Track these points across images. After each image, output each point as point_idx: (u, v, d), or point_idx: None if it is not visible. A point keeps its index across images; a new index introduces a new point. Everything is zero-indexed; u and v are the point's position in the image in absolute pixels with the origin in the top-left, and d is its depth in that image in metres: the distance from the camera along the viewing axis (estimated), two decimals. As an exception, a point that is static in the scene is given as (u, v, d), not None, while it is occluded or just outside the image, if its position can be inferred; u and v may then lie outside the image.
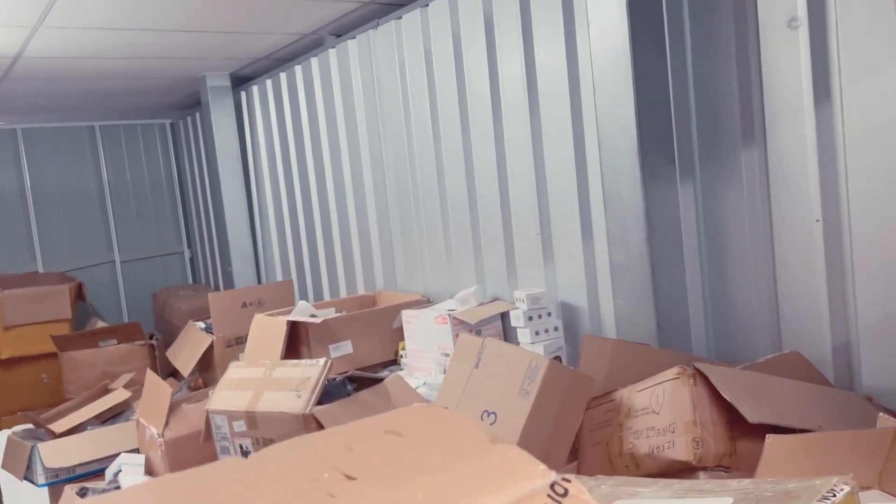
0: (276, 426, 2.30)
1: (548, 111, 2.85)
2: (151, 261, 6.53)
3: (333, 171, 4.37)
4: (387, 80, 3.75)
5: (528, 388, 1.98)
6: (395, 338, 3.49)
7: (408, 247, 3.81)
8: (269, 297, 4.33)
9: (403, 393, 2.45)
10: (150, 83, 5.21)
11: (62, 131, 6.10)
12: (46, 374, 5.15)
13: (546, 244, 2.96)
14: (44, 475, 3.39)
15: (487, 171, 3.19)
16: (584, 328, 2.83)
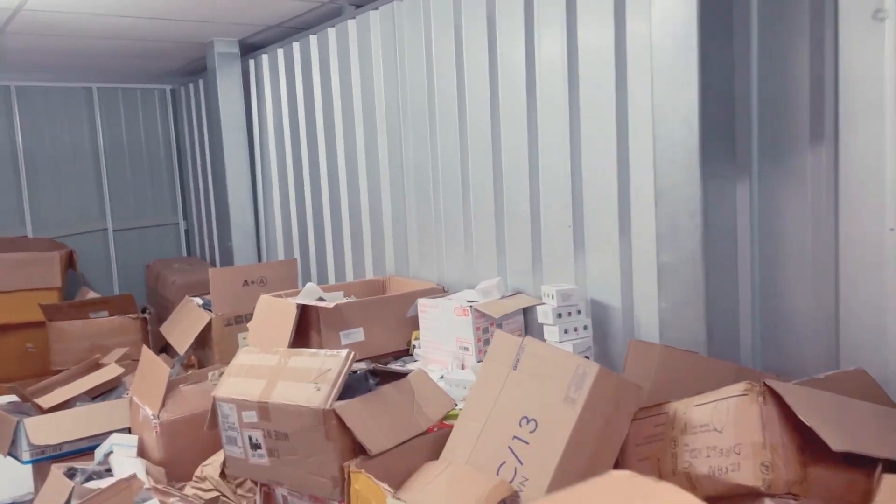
0: (291, 419, 2.14)
1: (589, 96, 2.67)
2: (145, 231, 6.30)
3: (346, 149, 4.17)
4: (411, 55, 3.55)
5: (575, 396, 1.82)
6: (409, 327, 3.32)
7: (424, 232, 3.64)
8: (271, 276, 4.16)
9: (428, 390, 2.29)
10: (154, 45, 4.97)
11: (58, 91, 5.84)
12: (32, 344, 4.94)
13: (578, 238, 2.80)
14: (29, 452, 3.22)
15: (517, 157, 3.02)
16: (616, 329, 2.68)
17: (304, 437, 2.11)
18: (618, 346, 2.68)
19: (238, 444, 2.32)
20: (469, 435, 1.98)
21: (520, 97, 2.96)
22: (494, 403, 1.97)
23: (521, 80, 2.94)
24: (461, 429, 2.02)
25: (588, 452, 1.82)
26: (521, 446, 1.86)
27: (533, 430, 1.86)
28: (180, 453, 2.98)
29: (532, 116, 2.93)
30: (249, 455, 2.30)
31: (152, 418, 3.00)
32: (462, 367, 2.93)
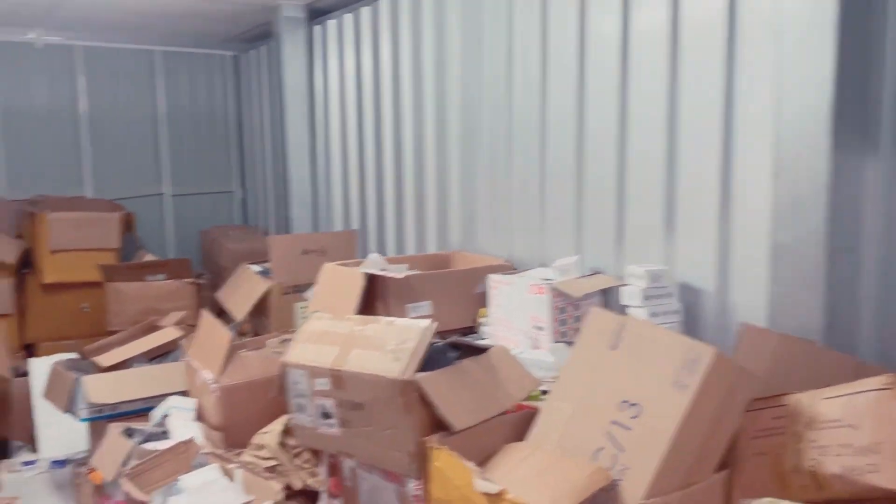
0: (367, 389, 2.02)
1: (693, 58, 2.48)
2: (201, 197, 6.26)
3: (414, 118, 4.03)
4: (491, 19, 3.38)
5: (686, 381, 1.66)
6: (476, 303, 3.18)
7: (494, 205, 3.49)
8: (331, 246, 4.06)
9: (510, 367, 2.14)
10: (221, 7, 4.88)
11: (122, 53, 5.81)
12: (88, 304, 4.94)
13: (670, 215, 2.62)
14: (86, 410, 3.18)
15: (604, 127, 2.84)
16: (707, 315, 2.50)
17: (380, 409, 1.99)
18: (708, 332, 2.50)
19: (307, 413, 2.22)
20: (560, 417, 1.83)
21: (612, 62, 2.77)
22: (589, 385, 1.82)
23: (613, 48, 2.76)
24: (550, 411, 1.88)
25: (697, 443, 1.66)
26: (622, 432, 1.71)
27: (635, 415, 1.71)
28: (238, 419, 2.90)
29: (626, 81, 2.74)
30: (319, 424, 2.19)
31: (212, 383, 2.92)
32: (535, 346, 2.78)
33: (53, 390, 3.34)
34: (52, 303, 4.91)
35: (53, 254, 4.77)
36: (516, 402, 2.06)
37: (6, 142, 5.37)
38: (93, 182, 5.73)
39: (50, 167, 5.56)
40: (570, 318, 2.77)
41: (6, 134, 5.36)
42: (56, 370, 3.34)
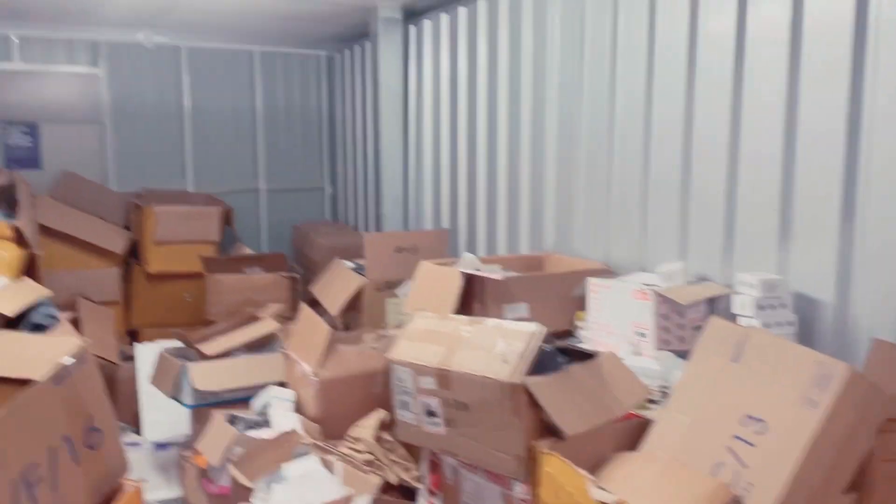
0: (474, 390, 2.02)
1: (816, 58, 2.38)
2: (294, 193, 6.43)
3: (510, 117, 4.01)
4: (594, 16, 3.33)
5: (817, 398, 1.59)
6: (573, 307, 3.14)
7: (592, 207, 3.43)
8: (423, 245, 4.10)
9: (620, 374, 2.10)
10: (320, 8, 4.99)
11: (223, 53, 6.03)
12: (189, 294, 5.15)
13: (785, 221, 2.51)
14: (192, 396, 3.29)
15: (714, 127, 2.75)
16: (824, 327, 2.39)
17: (487, 410, 1.99)
18: (825, 345, 2.39)
19: (411, 410, 2.24)
20: (677, 428, 1.78)
21: (725, 61, 2.69)
22: (709, 397, 1.76)
23: (728, 45, 2.67)
24: (667, 421, 1.83)
25: (827, 463, 1.59)
26: (745, 448, 1.65)
27: (760, 431, 1.64)
28: (335, 412, 2.96)
29: (739, 81, 2.65)
30: (423, 422, 2.20)
31: (311, 375, 2.98)
32: (636, 353, 2.72)
33: (160, 376, 3.48)
34: (155, 291, 5.14)
35: (158, 245, 5.00)
36: (627, 411, 2.03)
37: (116, 137, 5.65)
38: (193, 177, 5.96)
39: (155, 162, 5.82)
40: (674, 325, 2.70)
41: (117, 130, 5.64)
42: (163, 357, 3.48)
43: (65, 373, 1.57)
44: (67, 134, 5.50)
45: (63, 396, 1.58)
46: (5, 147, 5.31)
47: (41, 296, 3.37)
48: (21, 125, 5.35)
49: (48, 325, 3.30)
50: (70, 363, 1.58)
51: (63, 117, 5.47)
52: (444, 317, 2.32)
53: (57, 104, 5.44)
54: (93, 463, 1.67)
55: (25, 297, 3.28)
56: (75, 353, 1.61)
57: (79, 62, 5.49)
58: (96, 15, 5.12)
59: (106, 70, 5.55)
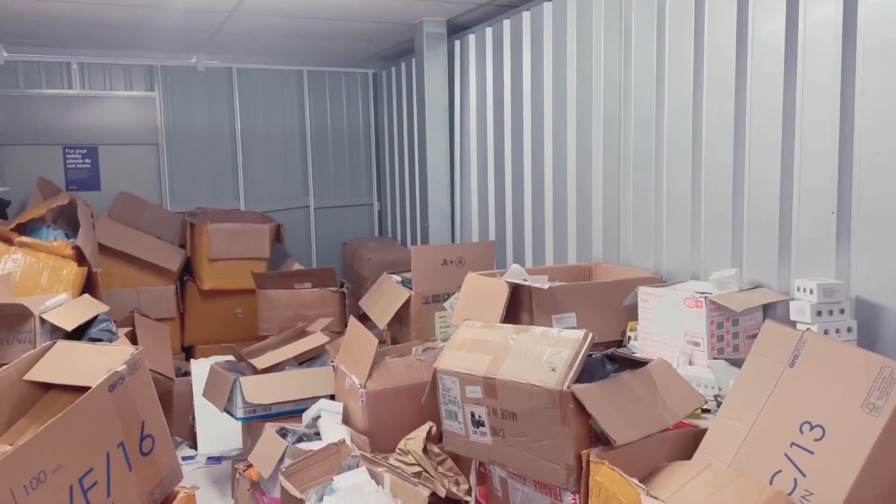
0: (521, 399, 2.00)
1: (871, 59, 2.30)
2: (342, 210, 6.52)
3: (555, 128, 3.99)
4: (640, 26, 3.30)
5: (879, 403, 1.52)
6: (623, 316, 3.09)
7: (641, 215, 3.38)
8: (469, 257, 4.09)
9: (672, 382, 2.05)
10: (366, 27, 5.07)
11: (273, 74, 6.18)
12: (241, 310, 5.25)
13: (843, 225, 2.43)
14: (243, 409, 3.34)
15: (766, 131, 2.68)
16: (889, 334, 2.29)
17: (535, 419, 1.97)
18: (889, 352, 2.28)
19: (458, 420, 2.22)
20: (732, 436, 1.73)
21: (775, 65, 2.63)
22: (765, 403, 1.71)
23: (778, 50, 2.61)
24: (720, 428, 1.78)
25: (890, 471, 1.51)
26: (803, 455, 1.58)
27: (819, 437, 1.58)
28: (383, 424, 2.96)
29: (790, 89, 2.59)
30: (470, 432, 2.19)
31: (359, 387, 3.00)
32: (690, 362, 2.65)
33: (212, 390, 3.54)
34: (209, 308, 5.25)
35: (212, 262, 5.11)
36: (679, 419, 1.97)
37: (171, 158, 5.82)
38: (245, 195, 6.09)
39: (208, 181, 5.97)
40: (728, 333, 2.63)
41: (171, 151, 5.82)
42: (215, 371, 3.54)
43: (119, 380, 1.61)
44: (124, 156, 5.70)
45: (117, 403, 1.61)
46: (66, 170, 5.53)
47: (99, 311, 3.47)
48: (81, 148, 5.56)
49: (106, 339, 3.40)
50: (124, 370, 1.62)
51: (120, 140, 5.67)
52: (491, 325, 2.30)
53: (114, 127, 5.65)
54: (146, 469, 1.71)
55: (84, 312, 3.39)
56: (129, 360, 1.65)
57: (135, 86, 5.69)
58: (152, 41, 5.32)
59: (161, 93, 5.74)
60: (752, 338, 2.60)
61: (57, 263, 3.84)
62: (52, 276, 3.80)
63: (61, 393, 1.83)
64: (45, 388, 1.89)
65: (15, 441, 1.55)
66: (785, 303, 2.55)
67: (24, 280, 3.73)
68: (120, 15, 4.53)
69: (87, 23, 4.72)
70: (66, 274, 3.82)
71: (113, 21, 4.69)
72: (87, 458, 1.55)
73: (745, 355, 1.95)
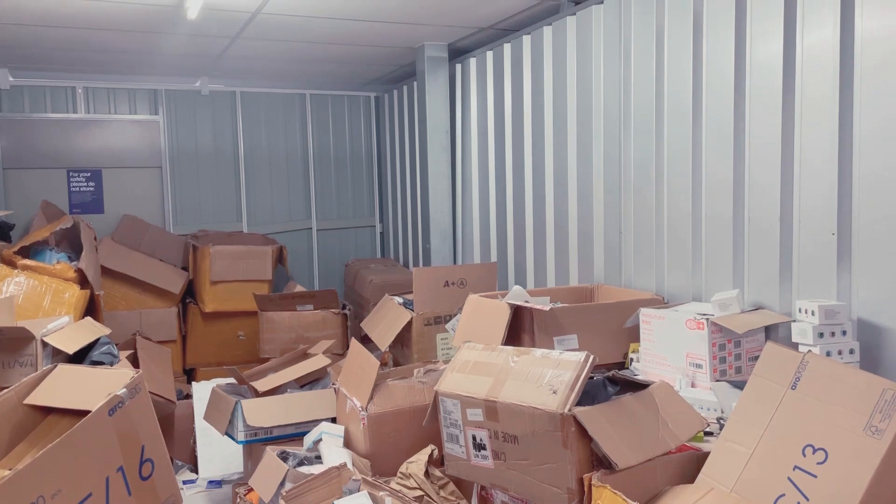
0: (523, 422, 1.99)
1: (869, 80, 2.32)
2: (345, 231, 6.54)
3: (555, 151, 4.02)
4: (638, 50, 3.33)
5: (881, 426, 1.51)
6: (625, 338, 3.08)
7: (641, 237, 3.39)
8: (471, 279, 4.10)
9: (674, 405, 2.05)
10: (368, 51, 5.13)
11: (276, 97, 6.23)
12: (243, 332, 5.24)
13: (843, 246, 2.43)
14: (244, 432, 3.32)
15: (766, 152, 2.70)
16: (891, 355, 2.29)
17: (536, 442, 1.96)
18: (891, 373, 2.28)
19: (460, 443, 2.21)
20: (734, 459, 1.72)
21: (773, 88, 2.65)
22: (767, 426, 1.70)
23: (776, 72, 2.63)
24: (722, 452, 1.77)
25: (893, 495, 1.50)
26: (806, 479, 1.57)
27: (821, 461, 1.57)
28: (385, 447, 2.95)
29: (788, 109, 2.60)
30: (472, 455, 2.17)
31: (360, 410, 2.98)
32: (692, 385, 2.64)
33: (214, 412, 3.53)
34: (211, 330, 5.25)
35: (214, 284, 5.12)
36: (681, 442, 1.96)
37: (175, 181, 5.85)
38: (248, 217, 6.12)
39: (211, 204, 6.00)
40: (731, 355, 2.62)
41: (175, 174, 5.85)
42: (216, 393, 3.53)
43: (119, 404, 1.61)
44: (128, 178, 5.73)
45: (117, 427, 1.61)
46: (70, 193, 5.56)
47: (101, 334, 3.47)
48: (85, 171, 5.60)
49: (108, 362, 3.39)
50: (124, 394, 1.61)
51: (124, 163, 5.71)
52: (492, 347, 2.30)
53: (118, 150, 5.69)
54: (145, 494, 1.70)
55: (86, 335, 3.39)
56: (129, 384, 1.65)
57: (140, 110, 5.74)
58: (156, 66, 5.37)
59: (165, 116, 5.79)
60: (754, 359, 2.59)
61: (59, 286, 3.85)
62: (55, 299, 3.81)
63: (61, 417, 1.83)
64: (46, 412, 1.89)
65: (14, 465, 1.54)
66: (787, 324, 2.55)
67: (27, 303, 3.74)
68: (125, 40, 4.59)
69: (92, 48, 4.78)
70: (69, 297, 3.82)
71: (118, 46, 4.74)
72: (86, 482, 1.54)
73: (747, 377, 1.94)
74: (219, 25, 4.28)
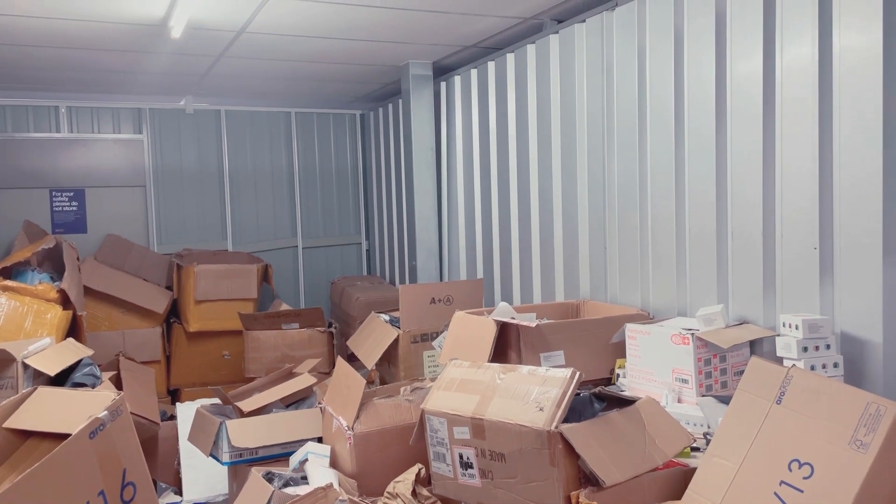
0: (509, 439, 1.98)
1: (847, 94, 2.36)
2: (331, 249, 6.53)
3: (540, 168, 4.04)
4: (621, 67, 3.36)
5: (866, 440, 1.51)
6: (611, 354, 3.08)
7: (626, 252, 3.40)
8: (458, 295, 4.09)
9: (660, 421, 2.04)
10: (353, 69, 5.15)
11: (261, 115, 6.23)
12: (228, 351, 5.20)
13: (825, 260, 2.45)
14: (229, 453, 3.28)
15: (747, 168, 2.72)
16: (874, 369, 2.30)
17: (523, 460, 1.95)
18: (875, 387, 2.29)
19: (447, 462, 2.20)
20: (721, 475, 1.71)
21: (754, 105, 2.68)
22: (753, 441, 1.70)
23: (756, 87, 2.67)
24: (709, 467, 1.77)
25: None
26: (793, 494, 1.57)
27: (807, 475, 1.57)
28: (371, 467, 2.92)
29: (769, 125, 2.63)
30: (459, 474, 2.16)
31: (346, 430, 2.96)
32: (679, 400, 2.64)
33: (198, 434, 3.49)
34: (195, 350, 5.20)
35: (198, 304, 5.08)
36: (668, 458, 1.96)
37: (159, 200, 5.82)
38: (233, 236, 6.09)
39: (196, 222, 5.97)
40: (716, 370, 2.62)
41: (159, 192, 5.82)
42: (201, 414, 3.49)
43: (100, 426, 1.58)
44: (112, 198, 5.70)
45: (98, 450, 1.59)
46: (52, 212, 5.51)
47: (83, 355, 3.43)
48: (67, 191, 5.56)
49: (90, 384, 3.35)
50: (105, 416, 1.59)
51: (107, 182, 5.68)
52: (478, 365, 2.29)
53: (102, 170, 5.66)
54: (127, 518, 1.67)
55: (68, 356, 3.34)
56: (110, 406, 1.63)
57: (124, 129, 5.72)
58: (140, 85, 5.36)
59: (149, 135, 5.77)
60: (739, 374, 2.60)
61: (41, 307, 3.80)
62: (37, 320, 3.76)
63: (41, 440, 1.80)
64: (26, 436, 1.86)
65: (-8, 491, 1.51)
66: (771, 338, 2.56)
67: (8, 324, 3.69)
68: (109, 60, 4.58)
69: (75, 67, 4.76)
70: (51, 318, 3.78)
71: (101, 65, 4.73)
72: (66, 507, 1.51)
73: (733, 392, 1.94)
74: (203, 44, 4.28)
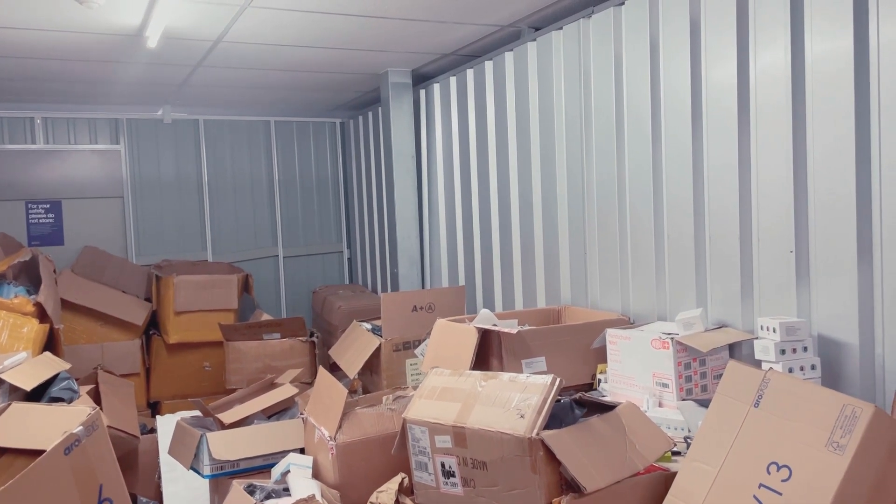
0: (491, 447, 1.97)
1: (820, 99, 2.39)
2: (311, 258, 6.50)
3: (520, 174, 4.05)
4: (598, 74, 3.39)
5: (842, 441, 1.53)
6: (592, 359, 3.09)
7: (606, 259, 3.42)
8: (439, 303, 4.08)
9: (640, 426, 2.05)
10: (332, 78, 5.14)
11: (239, 125, 6.20)
12: (209, 363, 5.16)
13: (801, 263, 2.48)
14: (210, 466, 3.25)
15: (723, 175, 2.75)
16: (850, 371, 2.32)
17: (505, 468, 1.94)
18: (852, 389, 2.32)
19: (429, 471, 2.19)
20: (701, 479, 1.72)
21: (729, 112, 2.71)
22: (732, 445, 1.71)
23: (731, 93, 2.69)
24: (689, 471, 1.77)
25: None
26: (771, 496, 1.58)
27: (786, 478, 1.58)
28: (354, 477, 2.90)
29: (744, 131, 2.66)
30: (441, 483, 2.15)
31: (328, 440, 2.94)
32: (660, 404, 2.66)
33: (178, 447, 3.45)
34: (175, 362, 5.15)
35: (178, 315, 5.03)
36: (649, 463, 1.96)
37: (137, 210, 5.77)
38: (213, 246, 6.05)
39: (175, 233, 5.93)
40: (696, 374, 2.64)
41: (137, 203, 5.77)
42: (181, 427, 3.46)
43: (75, 442, 1.56)
44: (89, 209, 5.64)
45: (74, 466, 1.56)
46: (29, 225, 5.44)
47: (60, 370, 3.38)
48: (44, 203, 5.49)
49: (67, 399, 3.30)
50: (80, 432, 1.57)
51: (84, 193, 5.62)
52: (459, 373, 2.29)
53: (79, 181, 5.60)
54: (104, 535, 1.65)
55: (44, 371, 3.30)
56: (86, 421, 1.61)
57: (101, 140, 5.67)
58: (117, 95, 5.32)
59: (126, 146, 5.72)
60: (719, 377, 2.60)
61: (17, 321, 3.75)
62: (13, 335, 3.71)
63: (16, 457, 1.77)
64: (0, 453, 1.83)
65: (-36, 511, 1.48)
66: (750, 342, 2.58)
67: (-17, 339, 3.63)
68: (84, 70, 4.54)
69: (51, 78, 4.71)
70: (27, 332, 3.73)
71: (78, 76, 4.69)
72: (41, 525, 1.49)
73: (713, 395, 1.96)
74: (180, 54, 4.26)
